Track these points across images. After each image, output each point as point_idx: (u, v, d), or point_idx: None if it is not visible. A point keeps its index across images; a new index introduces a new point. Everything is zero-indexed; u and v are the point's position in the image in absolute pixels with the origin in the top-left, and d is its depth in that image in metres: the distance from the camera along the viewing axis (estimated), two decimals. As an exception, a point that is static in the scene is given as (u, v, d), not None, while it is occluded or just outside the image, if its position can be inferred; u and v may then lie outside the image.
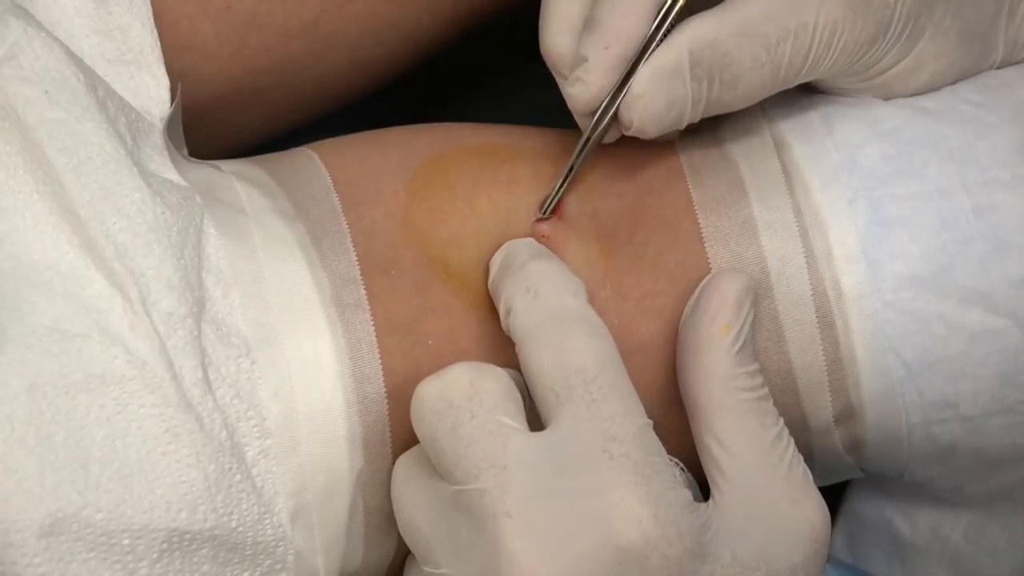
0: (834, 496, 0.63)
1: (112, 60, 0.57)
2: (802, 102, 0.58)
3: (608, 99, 0.54)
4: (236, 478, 0.51)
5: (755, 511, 0.51)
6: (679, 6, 0.53)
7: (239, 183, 0.57)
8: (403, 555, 0.55)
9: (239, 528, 0.51)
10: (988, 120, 0.56)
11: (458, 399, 0.51)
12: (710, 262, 0.56)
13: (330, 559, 0.54)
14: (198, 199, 0.54)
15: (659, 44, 0.53)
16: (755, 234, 0.55)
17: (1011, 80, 0.57)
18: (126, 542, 0.49)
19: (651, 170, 0.57)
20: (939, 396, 0.55)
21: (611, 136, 0.56)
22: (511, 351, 0.53)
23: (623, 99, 0.54)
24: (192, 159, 0.58)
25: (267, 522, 0.52)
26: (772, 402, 0.53)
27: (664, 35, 0.53)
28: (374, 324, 0.54)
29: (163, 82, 0.58)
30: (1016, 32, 0.57)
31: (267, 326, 0.53)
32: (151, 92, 0.57)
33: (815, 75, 0.55)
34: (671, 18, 0.53)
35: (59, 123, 0.52)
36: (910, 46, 0.55)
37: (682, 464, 0.52)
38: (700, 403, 0.53)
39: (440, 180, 0.57)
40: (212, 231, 0.54)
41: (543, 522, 0.49)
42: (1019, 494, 0.59)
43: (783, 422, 0.53)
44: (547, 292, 0.53)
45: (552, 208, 0.56)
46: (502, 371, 0.52)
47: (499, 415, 0.50)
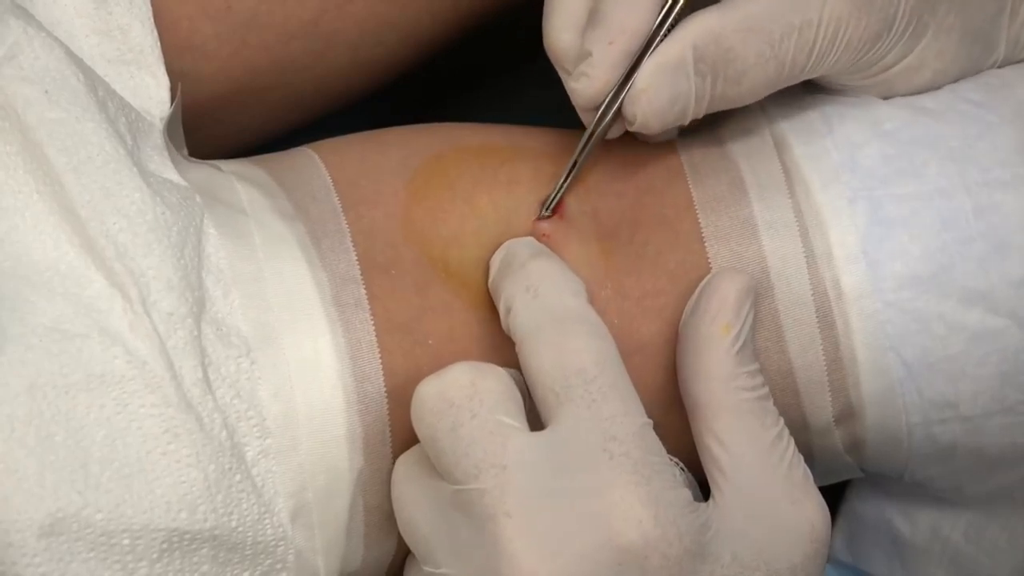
0: (834, 496, 0.63)
1: (112, 60, 0.57)
2: (802, 102, 0.58)
3: (612, 94, 0.54)
4: (236, 478, 0.51)
5: (755, 511, 0.51)
6: (683, 1, 0.53)
7: (239, 183, 0.57)
8: (403, 555, 0.55)
9: (239, 528, 0.51)
10: (988, 120, 0.56)
11: (458, 399, 0.51)
12: (710, 262, 0.56)
13: (330, 559, 0.54)
14: (198, 199, 0.54)
15: (663, 39, 0.53)
16: (755, 234, 0.55)
17: (1012, 79, 0.57)
18: (126, 542, 0.49)
19: (651, 170, 0.57)
20: (939, 396, 0.55)
21: (615, 131, 0.56)
22: (511, 351, 0.53)
23: (627, 94, 0.54)
24: (192, 159, 0.58)
25: (267, 522, 0.52)
26: (772, 402, 0.53)
27: (668, 30, 0.53)
28: (374, 324, 0.54)
29: (163, 82, 0.58)
30: (1018, 31, 0.57)
31: (267, 326, 0.53)
32: (151, 92, 0.57)
33: (819, 72, 0.55)
34: (675, 13, 0.53)
35: (59, 123, 0.52)
36: (913, 44, 0.55)
37: (682, 464, 0.52)
38: (700, 403, 0.53)
39: (440, 180, 0.57)
40: (212, 231, 0.54)
41: (543, 522, 0.49)
42: (1019, 494, 0.59)
43: (783, 422, 0.53)
44: (547, 291, 0.53)
45: (553, 207, 0.56)
46: (502, 371, 0.52)
47: (499, 415, 0.50)
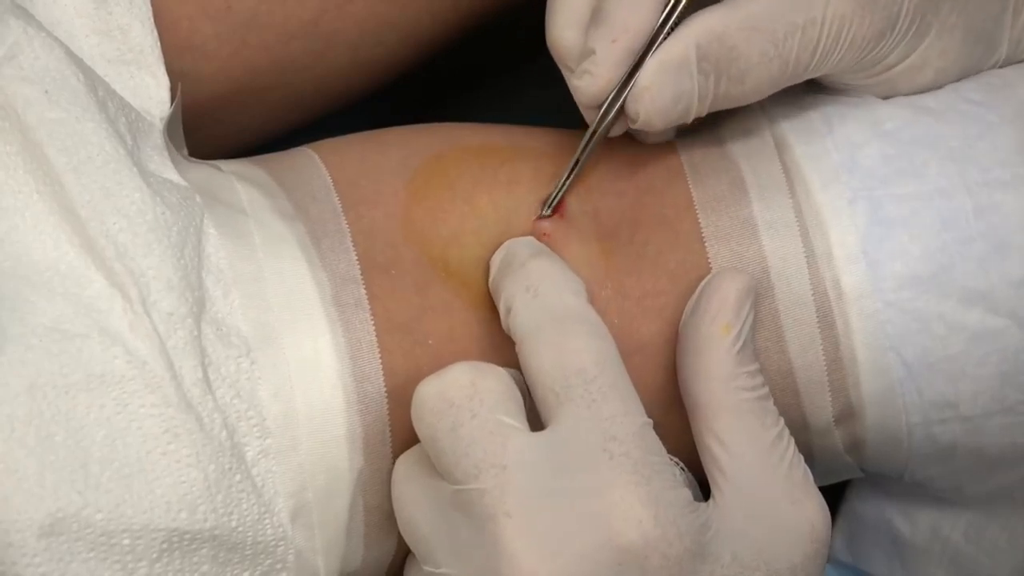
0: (834, 496, 0.63)
1: (112, 60, 0.57)
2: (803, 102, 0.58)
3: (615, 92, 0.54)
4: (236, 478, 0.51)
5: (755, 511, 0.51)
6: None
7: (239, 183, 0.57)
8: (403, 555, 0.55)
9: (239, 528, 0.51)
10: (989, 119, 0.56)
11: (458, 398, 0.51)
12: (711, 262, 0.56)
13: (330, 559, 0.54)
14: (198, 199, 0.54)
15: (666, 37, 0.53)
16: (756, 234, 0.55)
17: (1013, 79, 0.57)
18: (126, 542, 0.49)
19: (652, 170, 0.57)
20: (939, 396, 0.55)
21: (617, 129, 0.56)
22: (511, 351, 0.53)
23: (630, 92, 0.54)
24: (192, 159, 0.58)
25: (267, 522, 0.52)
26: (772, 402, 0.53)
27: (671, 28, 0.53)
28: (374, 323, 0.54)
29: (163, 82, 0.58)
30: (1020, 31, 0.57)
31: (267, 326, 0.53)
32: (151, 92, 0.57)
33: (822, 71, 0.55)
34: (678, 11, 0.53)
35: (59, 123, 0.52)
36: (916, 42, 0.55)
37: (682, 464, 0.52)
38: (700, 403, 0.53)
39: (440, 180, 0.57)
40: (212, 231, 0.54)
41: (543, 522, 0.49)
42: (1019, 494, 0.59)
43: (783, 422, 0.53)
44: (547, 291, 0.53)
45: (554, 206, 0.56)
46: (502, 370, 0.52)
47: (499, 415, 0.50)
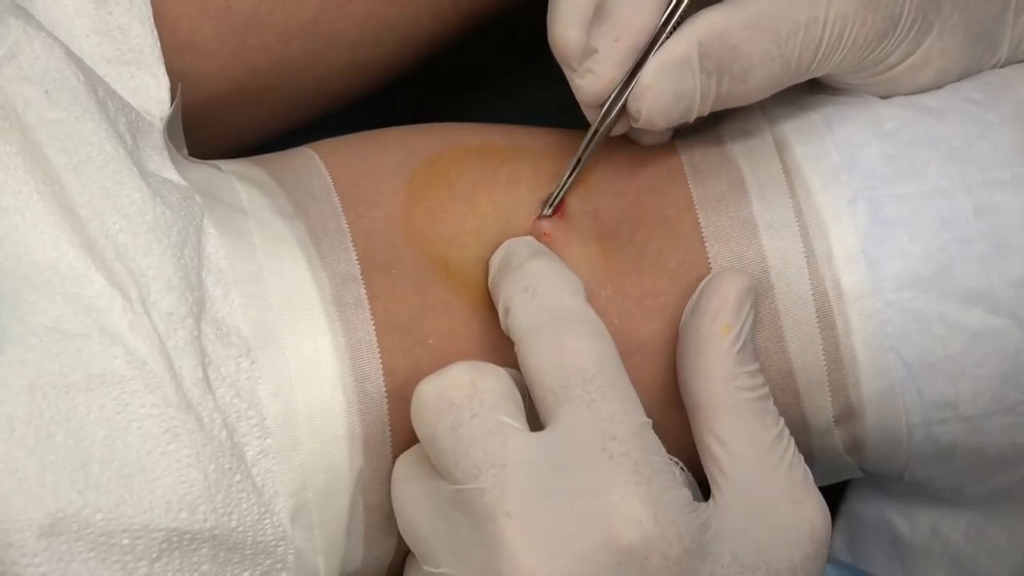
0: (834, 496, 0.63)
1: (112, 60, 0.57)
2: (803, 102, 0.58)
3: (617, 91, 0.54)
4: (236, 478, 0.51)
5: (755, 511, 0.51)
6: None
7: (239, 183, 0.57)
8: (403, 554, 0.55)
9: (239, 528, 0.51)
10: (989, 119, 0.56)
11: (458, 398, 0.51)
12: (711, 262, 0.56)
13: (330, 558, 0.54)
14: (198, 199, 0.54)
15: (669, 36, 0.53)
16: (756, 234, 0.55)
17: (1013, 79, 0.57)
18: (126, 542, 0.49)
19: (652, 169, 0.57)
20: (939, 396, 0.55)
21: (619, 128, 0.56)
22: (511, 350, 0.53)
23: (632, 90, 0.54)
24: (192, 159, 0.58)
25: (267, 522, 0.52)
26: (772, 402, 0.53)
27: (674, 27, 0.53)
28: (374, 323, 0.54)
29: (163, 82, 0.58)
30: (1021, 31, 0.57)
31: (267, 325, 0.53)
32: (151, 92, 0.57)
33: (824, 70, 0.55)
34: (681, 10, 0.53)
35: (59, 123, 0.52)
36: (918, 42, 0.55)
37: (682, 464, 0.52)
38: (700, 403, 0.53)
39: (440, 180, 0.57)
40: (212, 231, 0.54)
41: (543, 522, 0.49)
42: (1019, 494, 0.59)
43: (783, 422, 0.53)
44: (545, 291, 0.53)
45: (555, 205, 0.56)
46: (502, 370, 0.52)
47: (499, 414, 0.50)
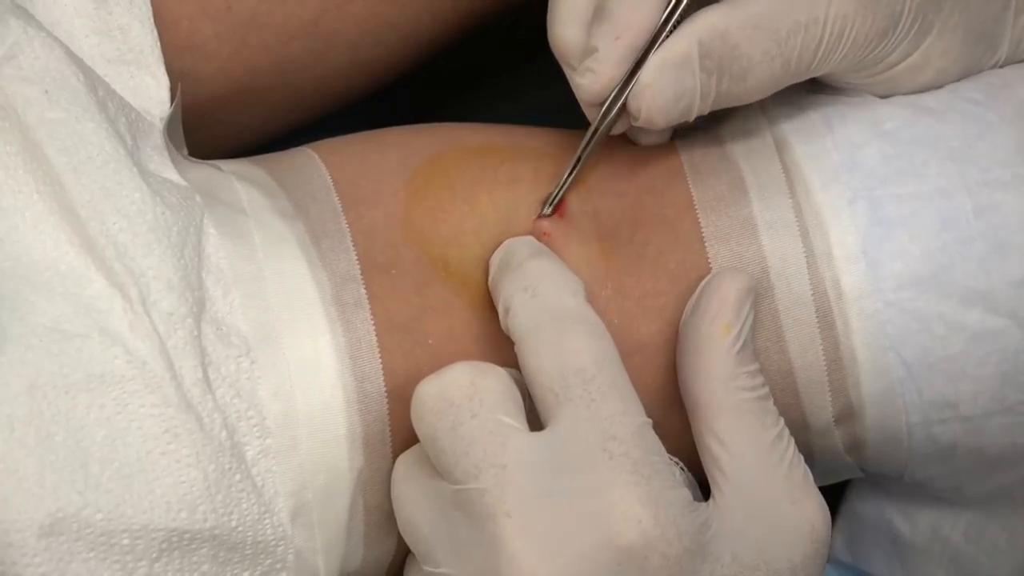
0: (834, 496, 0.63)
1: (112, 60, 0.57)
2: (803, 102, 0.58)
3: (617, 90, 0.54)
4: (236, 478, 0.51)
5: (755, 511, 0.51)
6: None
7: (239, 183, 0.57)
8: (403, 554, 0.55)
9: (239, 528, 0.51)
10: (989, 119, 0.56)
11: (458, 398, 0.51)
12: (710, 262, 0.56)
13: (330, 558, 0.54)
14: (198, 199, 0.54)
15: (669, 35, 0.53)
16: (755, 234, 0.55)
17: (1013, 79, 0.57)
18: (126, 542, 0.49)
19: (652, 169, 0.57)
20: (939, 396, 0.55)
21: (619, 127, 0.56)
22: (511, 350, 0.53)
23: (632, 89, 0.54)
24: (192, 159, 0.58)
25: (267, 521, 0.52)
26: (772, 402, 0.53)
27: (674, 26, 0.53)
28: (374, 323, 0.54)
29: (163, 82, 0.58)
30: (1022, 31, 0.57)
31: (267, 325, 0.53)
32: (151, 92, 0.57)
33: (824, 70, 0.55)
34: (681, 9, 0.53)
35: (59, 123, 0.52)
36: (918, 42, 0.55)
37: (682, 464, 0.52)
38: (700, 403, 0.53)
39: (440, 180, 0.57)
40: (212, 231, 0.54)
41: (543, 522, 0.49)
42: (1019, 494, 0.59)
43: (783, 422, 0.53)
44: (545, 291, 0.53)
45: (555, 205, 0.56)
46: (502, 370, 0.52)
47: (499, 414, 0.50)
